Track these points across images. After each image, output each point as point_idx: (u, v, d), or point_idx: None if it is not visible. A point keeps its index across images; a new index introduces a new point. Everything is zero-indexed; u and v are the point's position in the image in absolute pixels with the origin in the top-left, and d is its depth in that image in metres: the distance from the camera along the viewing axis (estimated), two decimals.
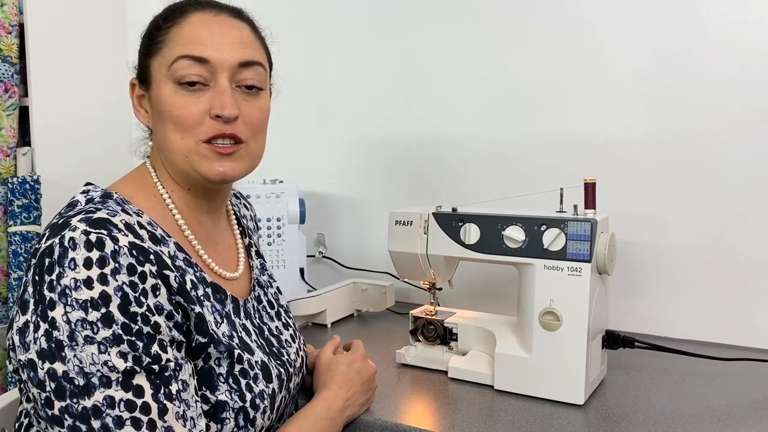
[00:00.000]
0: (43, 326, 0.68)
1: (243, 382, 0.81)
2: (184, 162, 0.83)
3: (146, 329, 0.70)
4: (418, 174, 1.63)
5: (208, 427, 0.77)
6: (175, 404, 0.71)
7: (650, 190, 1.35)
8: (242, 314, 0.89)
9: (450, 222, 1.13)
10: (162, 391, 0.70)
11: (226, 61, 0.82)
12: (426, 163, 1.61)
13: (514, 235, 1.06)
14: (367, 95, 1.69)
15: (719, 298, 1.30)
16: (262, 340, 0.91)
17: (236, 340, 0.83)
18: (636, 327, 1.35)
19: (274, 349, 0.92)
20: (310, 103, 1.77)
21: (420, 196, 1.60)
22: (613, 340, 1.10)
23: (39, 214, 1.62)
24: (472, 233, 1.10)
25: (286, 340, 0.96)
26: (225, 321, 0.84)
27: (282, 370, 0.89)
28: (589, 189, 1.05)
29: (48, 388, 0.68)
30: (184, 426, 0.71)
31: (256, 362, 0.84)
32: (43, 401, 0.68)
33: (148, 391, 0.69)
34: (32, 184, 1.61)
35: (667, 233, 1.34)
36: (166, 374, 0.71)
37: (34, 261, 0.71)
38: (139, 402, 0.69)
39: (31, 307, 0.69)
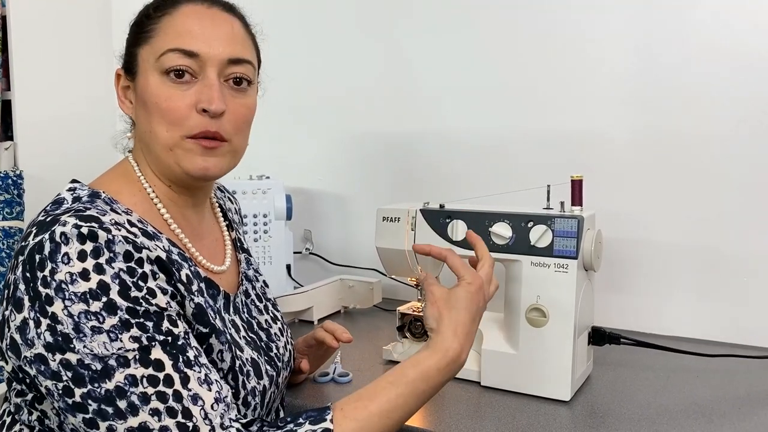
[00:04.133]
0: (45, 321, 0.67)
1: (240, 378, 0.81)
2: (168, 156, 0.81)
3: (152, 308, 0.70)
4: (406, 170, 1.62)
5: None
6: (195, 369, 0.70)
7: (637, 188, 1.35)
8: (231, 310, 0.88)
9: (437, 218, 1.13)
10: (181, 360, 0.70)
11: (216, 56, 0.80)
12: (413, 159, 1.61)
13: (501, 231, 1.06)
14: (355, 91, 1.68)
15: (705, 295, 1.31)
16: (251, 335, 0.90)
17: (227, 337, 0.83)
18: (622, 323, 1.35)
19: (263, 343, 0.91)
20: (296, 98, 1.76)
21: (407, 193, 1.60)
22: (599, 337, 1.10)
23: (22, 210, 1.60)
24: (459, 230, 1.10)
25: (275, 334, 0.95)
26: (217, 317, 0.83)
27: (270, 366, 0.89)
28: (576, 186, 1.05)
29: (65, 378, 0.66)
30: (210, 390, 0.70)
31: (247, 359, 0.84)
32: (60, 391, 0.67)
33: (168, 362, 0.68)
34: (15, 179, 1.59)
35: (654, 230, 1.34)
36: (179, 343, 0.71)
37: (22, 258, 0.69)
38: (161, 375, 0.68)
39: (27, 304, 0.68)
